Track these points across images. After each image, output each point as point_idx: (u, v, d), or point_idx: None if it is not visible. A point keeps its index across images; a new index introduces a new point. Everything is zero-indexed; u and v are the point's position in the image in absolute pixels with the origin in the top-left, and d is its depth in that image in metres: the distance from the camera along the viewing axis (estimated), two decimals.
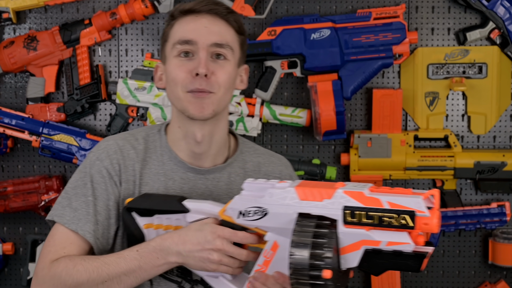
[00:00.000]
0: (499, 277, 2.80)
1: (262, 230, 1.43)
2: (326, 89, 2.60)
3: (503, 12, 2.65)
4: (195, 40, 1.57)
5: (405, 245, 1.27)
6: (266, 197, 1.40)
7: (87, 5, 2.72)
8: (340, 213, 1.31)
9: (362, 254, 1.31)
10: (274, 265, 1.41)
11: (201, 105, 1.57)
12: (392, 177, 2.70)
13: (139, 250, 1.49)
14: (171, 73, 1.59)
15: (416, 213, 1.26)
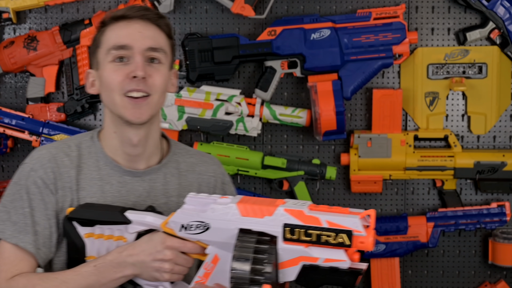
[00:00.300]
0: (499, 277, 2.80)
1: (203, 243, 1.47)
2: (326, 89, 2.60)
3: (503, 12, 2.65)
4: (130, 45, 1.59)
5: (341, 262, 1.33)
6: (209, 212, 1.44)
7: (87, 5, 2.73)
8: (280, 230, 1.36)
9: (300, 269, 1.36)
10: (214, 277, 1.45)
11: (139, 111, 1.60)
12: (392, 177, 2.70)
13: (96, 265, 1.52)
14: (107, 78, 1.60)
15: (353, 232, 1.32)
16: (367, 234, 1.32)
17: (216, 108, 2.66)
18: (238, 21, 2.73)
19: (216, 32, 2.73)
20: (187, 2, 2.73)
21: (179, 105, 2.66)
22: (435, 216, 2.71)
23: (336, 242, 1.33)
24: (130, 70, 1.58)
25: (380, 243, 2.71)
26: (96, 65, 1.64)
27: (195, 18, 2.73)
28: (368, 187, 2.71)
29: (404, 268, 2.81)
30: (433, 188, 2.78)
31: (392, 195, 2.79)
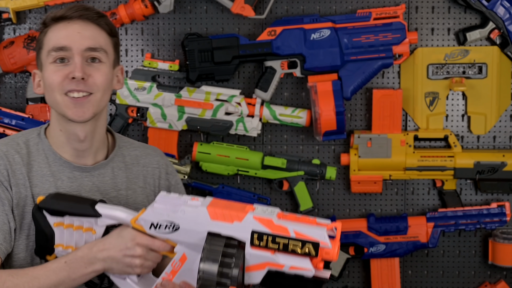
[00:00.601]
0: (499, 277, 2.80)
1: (172, 242, 1.52)
2: (326, 89, 2.60)
3: (503, 12, 2.65)
4: (69, 46, 1.61)
5: (306, 270, 1.39)
6: (179, 213, 1.48)
7: None
8: (248, 236, 1.42)
9: (266, 274, 1.42)
10: (181, 275, 1.50)
11: (82, 110, 1.62)
12: (392, 177, 2.70)
13: (67, 262, 1.54)
14: (47, 79, 1.63)
15: (320, 244, 1.38)
16: (332, 246, 1.38)
17: (216, 108, 2.66)
18: (238, 21, 2.73)
19: (216, 32, 2.73)
20: (187, 2, 2.73)
21: (179, 105, 2.66)
22: (435, 216, 2.71)
23: (302, 252, 1.38)
24: (69, 70, 1.61)
25: (380, 243, 2.71)
26: (40, 66, 1.67)
27: (195, 18, 2.73)
28: (368, 187, 2.71)
29: (404, 268, 2.81)
30: (433, 188, 2.78)
31: (392, 195, 2.79)
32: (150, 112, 2.67)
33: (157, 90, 2.67)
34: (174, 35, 2.74)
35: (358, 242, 2.72)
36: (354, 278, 2.83)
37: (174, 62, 2.68)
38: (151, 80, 2.68)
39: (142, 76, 2.68)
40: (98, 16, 1.66)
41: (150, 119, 2.67)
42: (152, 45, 2.74)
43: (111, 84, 1.70)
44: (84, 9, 1.65)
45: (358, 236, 2.72)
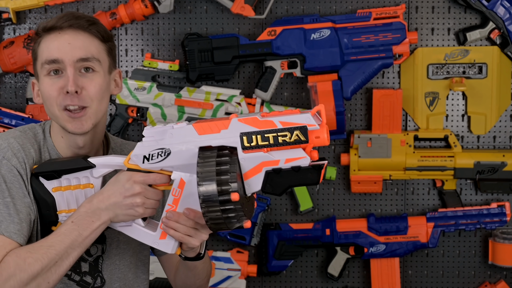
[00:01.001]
0: (499, 277, 2.80)
1: (167, 171, 1.51)
2: (326, 89, 2.60)
3: (503, 12, 2.65)
4: (61, 59, 1.60)
5: (302, 159, 1.38)
6: (167, 138, 1.48)
7: (87, 5, 2.72)
8: (238, 140, 1.41)
9: (264, 176, 1.40)
10: (184, 202, 1.50)
11: (80, 123, 1.62)
12: (392, 177, 2.70)
13: (74, 221, 1.54)
14: (44, 92, 1.62)
15: (307, 127, 1.37)
16: (320, 128, 1.39)
17: (216, 108, 2.66)
18: (238, 21, 2.73)
19: (216, 32, 2.73)
20: (187, 2, 2.73)
21: (179, 105, 2.66)
22: (435, 216, 2.71)
23: (292, 140, 1.38)
24: (63, 83, 1.60)
25: (380, 243, 2.71)
26: (37, 77, 1.66)
27: (195, 18, 2.73)
28: (368, 187, 2.71)
29: (404, 268, 2.81)
30: (433, 188, 2.78)
31: (392, 195, 2.79)
32: (150, 112, 2.67)
33: (157, 90, 2.67)
34: (174, 35, 2.74)
35: (358, 242, 2.72)
36: (354, 278, 2.83)
37: (174, 62, 2.68)
38: (151, 80, 2.68)
39: (142, 76, 2.68)
40: (89, 24, 1.64)
41: (150, 119, 2.67)
42: (152, 45, 2.74)
43: (107, 91, 1.68)
44: (75, 18, 1.63)
45: (358, 236, 2.72)
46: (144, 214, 1.54)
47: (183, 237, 1.52)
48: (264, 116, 1.40)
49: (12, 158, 1.60)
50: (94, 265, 1.70)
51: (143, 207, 1.53)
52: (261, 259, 2.79)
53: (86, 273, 1.69)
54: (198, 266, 1.69)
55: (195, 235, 1.52)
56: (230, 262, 2.75)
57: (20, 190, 1.59)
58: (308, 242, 2.74)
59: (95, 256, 1.70)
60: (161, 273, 2.61)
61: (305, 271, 2.83)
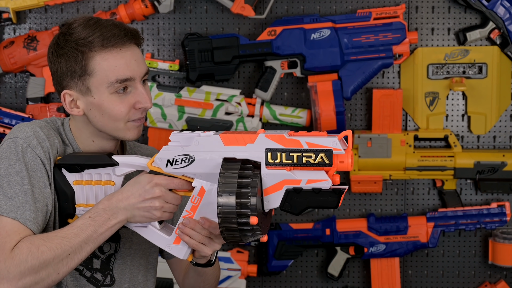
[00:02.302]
0: (499, 277, 2.80)
1: (189, 177, 1.52)
2: (326, 89, 2.60)
3: (503, 12, 2.65)
4: (133, 77, 1.59)
5: (323, 182, 1.39)
6: (193, 145, 1.49)
7: (87, 5, 2.73)
8: (262, 156, 1.42)
9: (284, 194, 1.41)
10: (201, 210, 1.51)
11: (139, 130, 1.65)
12: (392, 177, 2.70)
13: (91, 216, 1.55)
14: (112, 110, 1.60)
15: (333, 151, 1.38)
16: (345, 153, 1.38)
17: (216, 108, 2.66)
18: (238, 21, 2.73)
19: (216, 32, 2.73)
20: (187, 2, 2.73)
21: (179, 105, 2.66)
22: (435, 216, 2.71)
23: (316, 162, 1.38)
24: (136, 100, 1.60)
25: (380, 243, 2.71)
26: (83, 90, 1.61)
27: (195, 18, 2.73)
28: (368, 187, 2.71)
29: (404, 268, 2.81)
30: (433, 188, 2.78)
31: (392, 195, 2.79)
32: (150, 112, 2.67)
33: (157, 90, 2.67)
34: (174, 35, 2.74)
35: (358, 242, 2.72)
36: (354, 278, 2.83)
37: (174, 62, 2.68)
38: (151, 80, 2.68)
39: None
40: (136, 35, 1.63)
41: (150, 119, 2.67)
42: (152, 45, 2.74)
43: None
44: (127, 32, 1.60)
45: (358, 236, 2.72)
46: (162, 217, 1.55)
47: (197, 245, 1.53)
48: (291, 135, 1.41)
49: (37, 146, 1.59)
50: (106, 263, 1.70)
51: (161, 210, 1.54)
52: (261, 259, 2.80)
53: (97, 270, 1.69)
54: (208, 272, 1.69)
55: (209, 244, 1.54)
56: (230, 262, 2.75)
57: (42, 179, 1.59)
58: (308, 242, 2.74)
59: (108, 254, 1.70)
60: (161, 274, 2.61)
61: (305, 271, 2.83)
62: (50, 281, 1.51)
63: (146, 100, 1.60)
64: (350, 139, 1.39)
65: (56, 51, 1.61)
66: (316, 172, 1.39)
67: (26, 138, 1.60)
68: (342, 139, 1.40)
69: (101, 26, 1.59)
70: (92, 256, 1.68)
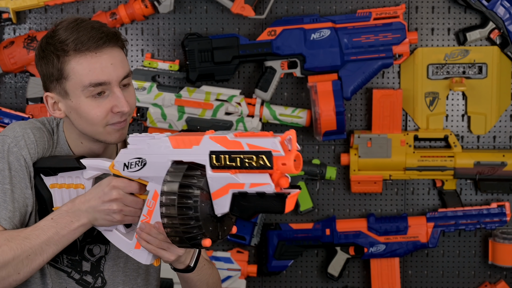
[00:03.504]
0: (499, 277, 2.80)
1: (144, 180, 1.49)
2: (326, 89, 2.60)
3: (503, 12, 2.65)
4: (108, 81, 1.57)
5: (266, 185, 1.31)
6: (145, 147, 1.47)
7: (87, 5, 2.73)
8: (207, 158, 1.36)
9: (231, 199, 1.35)
10: (157, 215, 1.46)
11: (122, 133, 1.63)
12: (392, 177, 2.70)
13: (53, 218, 1.54)
14: (88, 114, 1.59)
15: (272, 153, 1.29)
16: (287, 155, 1.30)
17: (216, 108, 2.66)
18: (238, 21, 2.73)
19: (216, 32, 2.73)
20: (187, 2, 2.73)
21: (179, 105, 2.66)
22: (435, 216, 2.71)
23: (258, 165, 1.31)
24: (113, 104, 1.58)
25: (380, 243, 2.71)
26: (61, 93, 1.61)
27: (195, 18, 2.73)
28: (368, 187, 2.71)
29: (404, 268, 2.81)
30: (433, 188, 2.78)
31: (392, 195, 2.79)
32: (150, 112, 2.67)
33: (157, 90, 2.67)
34: (174, 35, 2.74)
35: (358, 242, 2.72)
36: (354, 278, 2.83)
37: (174, 62, 2.68)
38: (151, 80, 2.68)
39: (142, 76, 2.68)
40: (116, 38, 1.60)
41: (150, 119, 2.67)
42: (152, 45, 2.74)
43: None
44: (105, 35, 1.58)
45: (358, 236, 2.72)
46: (123, 221, 1.53)
47: (156, 250, 1.49)
48: (236, 136, 1.35)
49: (23, 148, 1.60)
50: (96, 265, 1.70)
51: (120, 214, 1.52)
52: (261, 259, 2.80)
53: (87, 272, 1.69)
54: (192, 278, 1.66)
55: (169, 249, 1.49)
56: (230, 262, 2.75)
57: (24, 180, 1.60)
58: (308, 242, 2.74)
59: (98, 257, 1.70)
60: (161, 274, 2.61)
61: (305, 271, 2.83)
62: (12, 281, 1.52)
63: (122, 104, 1.57)
64: (294, 139, 1.32)
65: (39, 54, 1.62)
66: (260, 175, 1.32)
67: (14, 138, 1.61)
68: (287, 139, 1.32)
69: (80, 29, 1.57)
70: (81, 259, 1.68)
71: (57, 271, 1.67)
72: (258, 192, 1.32)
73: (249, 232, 2.71)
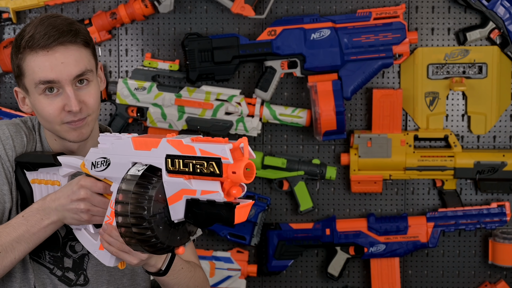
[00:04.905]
0: (499, 277, 2.80)
1: (109, 180, 1.47)
2: (326, 89, 2.60)
3: (503, 12, 2.65)
4: (57, 79, 1.56)
5: (215, 193, 1.28)
6: (110, 148, 1.45)
7: (87, 5, 2.73)
8: (163, 162, 1.34)
9: (186, 205, 1.32)
10: None
11: (81, 132, 1.61)
12: (392, 177, 2.70)
13: (24, 215, 1.54)
14: (42, 111, 1.59)
15: (222, 160, 1.26)
16: (235, 163, 1.25)
17: (216, 108, 2.66)
18: (238, 21, 2.73)
19: (216, 32, 2.73)
20: (187, 2, 2.73)
21: (179, 105, 2.66)
22: (435, 216, 2.71)
23: (208, 172, 1.28)
24: (63, 103, 1.57)
25: (380, 243, 2.71)
26: (24, 89, 1.62)
27: (195, 18, 2.73)
28: (368, 187, 2.71)
29: (404, 268, 2.81)
30: (433, 188, 2.78)
31: (392, 195, 2.79)
32: (150, 112, 2.67)
33: (157, 90, 2.67)
34: (174, 35, 2.74)
35: (358, 242, 2.72)
36: (354, 278, 2.83)
37: (174, 62, 2.68)
38: (151, 80, 2.68)
39: (142, 76, 2.68)
40: (74, 35, 1.58)
41: (150, 119, 2.67)
42: (152, 45, 2.74)
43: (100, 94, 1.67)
44: (60, 33, 1.56)
45: (358, 236, 2.72)
46: (91, 221, 1.51)
47: (118, 252, 1.46)
48: (192, 140, 1.32)
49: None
50: (78, 263, 1.69)
51: (88, 213, 1.50)
52: (261, 259, 2.80)
53: (69, 269, 1.69)
54: (168, 281, 1.64)
55: (131, 252, 1.46)
56: (230, 262, 2.75)
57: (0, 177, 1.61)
58: (308, 242, 2.74)
59: (80, 254, 1.70)
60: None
61: (305, 271, 2.83)
62: None
63: (72, 103, 1.56)
64: (246, 148, 1.27)
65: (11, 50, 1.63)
66: (211, 183, 1.28)
67: None
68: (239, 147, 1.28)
69: (40, 26, 1.57)
70: (63, 255, 1.68)
71: (40, 267, 1.68)
72: (208, 200, 1.29)
73: (249, 232, 2.72)
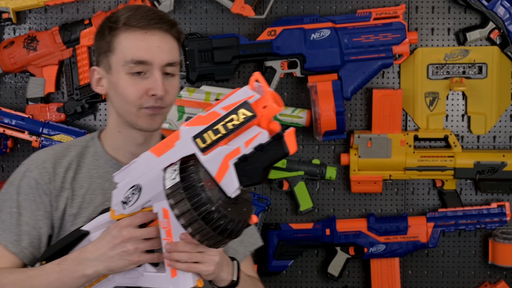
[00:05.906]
0: (499, 277, 2.80)
1: (148, 208, 1.43)
2: (326, 89, 2.60)
3: (503, 12, 2.65)
4: (150, 61, 1.56)
5: (259, 136, 1.26)
6: (133, 174, 1.41)
7: (87, 5, 2.72)
8: (193, 145, 1.31)
9: (235, 170, 1.28)
10: (176, 229, 1.38)
11: (153, 121, 1.60)
12: (392, 177, 2.70)
13: (59, 264, 1.52)
14: (124, 91, 1.58)
15: (248, 101, 1.25)
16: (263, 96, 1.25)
17: None
18: (238, 21, 2.73)
19: (216, 32, 2.73)
20: (187, 2, 2.73)
21: (179, 105, 2.66)
22: (435, 216, 2.71)
23: (242, 121, 1.26)
24: (149, 86, 1.57)
25: (380, 243, 2.71)
26: (106, 67, 1.62)
27: (195, 18, 2.73)
28: (368, 187, 2.71)
29: (404, 268, 2.81)
30: (433, 188, 2.78)
31: (392, 195, 2.79)
32: None
33: None
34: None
35: (358, 242, 2.72)
36: (354, 278, 2.83)
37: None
38: None
39: None
40: (171, 25, 1.60)
41: None
42: None
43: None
44: (160, 18, 1.58)
45: (358, 236, 2.72)
46: (143, 260, 1.45)
47: (191, 266, 1.41)
48: (208, 109, 1.31)
49: (34, 169, 1.62)
50: None
51: (137, 253, 1.44)
52: (261, 259, 2.79)
53: None
54: None
55: (203, 259, 1.41)
56: None
57: (34, 203, 1.61)
58: (308, 242, 2.74)
59: None
60: None
61: (305, 271, 2.83)
62: None
63: (158, 87, 1.56)
64: (262, 79, 1.27)
65: (97, 29, 1.64)
66: (249, 131, 1.26)
67: (27, 162, 1.65)
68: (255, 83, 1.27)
69: (139, 9, 1.59)
70: None
71: None
72: (255, 148, 1.26)
73: None
